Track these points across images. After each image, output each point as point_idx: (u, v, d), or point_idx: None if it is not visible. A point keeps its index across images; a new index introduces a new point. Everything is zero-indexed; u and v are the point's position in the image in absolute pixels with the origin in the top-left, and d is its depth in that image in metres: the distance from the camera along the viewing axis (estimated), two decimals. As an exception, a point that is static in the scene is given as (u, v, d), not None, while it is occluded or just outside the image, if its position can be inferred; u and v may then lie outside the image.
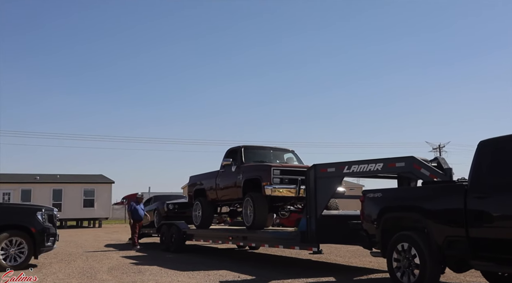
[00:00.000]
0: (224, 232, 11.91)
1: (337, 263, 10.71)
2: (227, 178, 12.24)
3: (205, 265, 10.30)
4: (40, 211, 10.29)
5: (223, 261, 11.38)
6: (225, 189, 12.36)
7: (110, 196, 40.04)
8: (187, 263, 10.78)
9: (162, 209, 15.92)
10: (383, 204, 7.12)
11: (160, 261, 11.30)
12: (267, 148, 12.60)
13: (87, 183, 38.96)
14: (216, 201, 13.08)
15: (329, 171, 8.27)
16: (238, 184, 11.53)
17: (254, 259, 12.35)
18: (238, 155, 12.04)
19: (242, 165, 11.69)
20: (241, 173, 11.49)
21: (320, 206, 8.27)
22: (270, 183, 10.30)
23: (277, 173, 10.41)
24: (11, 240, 9.82)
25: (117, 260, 11.74)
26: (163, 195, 18.14)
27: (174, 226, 14.01)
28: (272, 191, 10.25)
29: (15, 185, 35.79)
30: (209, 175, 13.33)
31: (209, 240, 12.65)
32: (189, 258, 12.08)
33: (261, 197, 10.62)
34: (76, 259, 12.15)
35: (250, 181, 11.10)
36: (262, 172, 10.64)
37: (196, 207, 13.62)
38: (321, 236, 8.28)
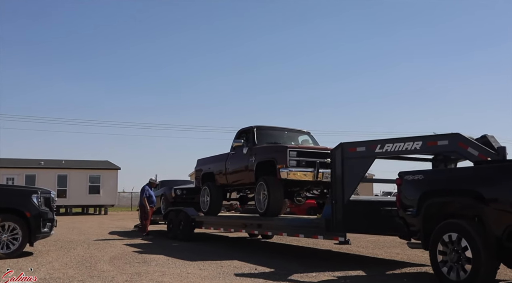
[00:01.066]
0: (237, 220, 10.97)
1: (361, 255, 9.75)
2: (238, 160, 11.29)
3: (216, 255, 9.39)
4: (36, 194, 9.40)
5: (235, 250, 10.46)
6: (235, 172, 11.41)
7: (116, 182, 39.27)
8: (197, 253, 9.88)
9: (169, 195, 15.00)
10: (426, 187, 6.11)
11: (167, 250, 10.40)
12: (281, 129, 11.61)
13: (92, 169, 38.22)
14: (225, 186, 12.14)
15: (358, 151, 7.27)
16: (250, 167, 10.58)
17: (269, 248, 11.43)
18: (250, 135, 11.08)
19: (254, 147, 10.73)
20: (254, 155, 10.53)
21: (348, 191, 7.28)
22: (286, 166, 9.34)
23: (293, 155, 9.44)
24: (3, 225, 8.96)
25: (120, 248, 10.86)
26: (170, 180, 17.22)
27: (182, 212, 13.09)
28: (288, 175, 9.28)
29: (19, 170, 35.11)
30: (218, 158, 12.39)
31: (220, 228, 11.71)
32: (199, 247, 11.18)
33: (276, 181, 9.67)
34: (77, 247, 11.28)
35: (264, 164, 10.15)
36: (277, 154, 9.68)
37: (204, 193, 12.69)
38: (348, 224, 7.30)
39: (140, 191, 14.52)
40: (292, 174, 9.32)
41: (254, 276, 6.79)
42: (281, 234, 9.20)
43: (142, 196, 14.24)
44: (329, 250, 10.62)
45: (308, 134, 11.75)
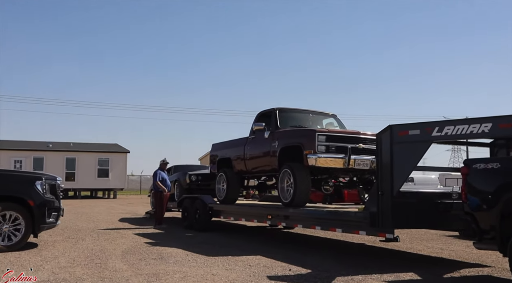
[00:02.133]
0: (261, 210, 9.99)
1: (402, 250, 8.73)
2: (258, 145, 10.30)
3: (239, 249, 8.45)
4: (40, 180, 8.49)
5: (259, 243, 9.52)
6: (255, 158, 10.42)
7: (126, 166, 38.56)
8: (217, 246, 8.95)
9: (184, 181, 14.04)
10: (505, 178, 5.08)
11: (184, 242, 9.48)
12: (305, 111, 10.58)
13: (101, 152, 37.50)
14: (244, 172, 11.17)
15: (411, 135, 6.22)
16: (273, 153, 9.60)
17: (296, 241, 10.50)
18: (272, 118, 10.06)
19: (277, 131, 9.73)
20: (277, 140, 9.53)
21: (398, 180, 6.24)
22: (314, 151, 8.36)
23: (322, 139, 8.44)
24: (4, 215, 8.08)
25: (132, 239, 9.96)
26: (184, 165, 16.26)
27: (198, 200, 12.15)
28: (316, 161, 8.31)
29: (27, 153, 34.42)
30: (235, 143, 11.40)
31: (241, 219, 10.75)
32: (217, 238, 10.25)
33: (303, 168, 8.70)
34: (85, 237, 10.40)
35: (288, 149, 9.17)
36: (305, 138, 8.68)
37: (220, 179, 11.74)
38: (398, 219, 6.28)
39: (152, 176, 13.45)
40: (321, 161, 8.36)
41: (291, 279, 5.83)
42: (313, 228, 8.20)
43: (156, 180, 13.16)
44: (362, 244, 9.64)
45: (334, 117, 10.73)
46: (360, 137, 8.70)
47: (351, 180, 9.67)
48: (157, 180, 13.04)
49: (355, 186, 9.75)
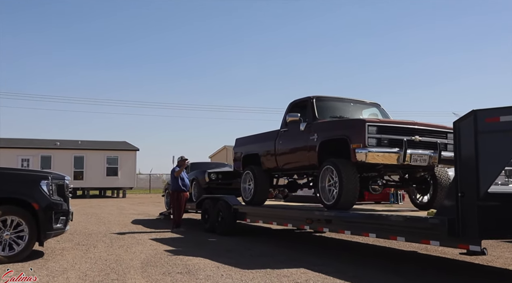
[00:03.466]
0: (297, 213, 8.77)
1: (486, 265, 7.41)
2: (293, 139, 9.13)
3: (277, 260, 7.28)
4: (46, 180, 7.37)
5: (296, 251, 8.35)
6: (289, 154, 9.25)
7: (135, 164, 37.60)
8: (250, 256, 7.78)
9: (203, 180, 12.87)
10: None
11: (209, 250, 8.33)
12: (345, 99, 9.38)
13: (110, 150, 36.52)
14: (274, 170, 9.99)
15: (503, 121, 4.99)
16: (311, 147, 8.41)
17: (340, 246, 9.34)
18: (309, 108, 8.88)
19: (316, 122, 8.55)
20: (316, 132, 8.34)
21: (486, 179, 5.02)
22: (364, 145, 7.18)
23: (373, 130, 7.27)
24: (4, 220, 6.97)
25: (150, 247, 8.82)
26: (201, 163, 15.12)
27: (221, 201, 10.99)
28: (366, 157, 7.15)
29: (35, 151, 33.49)
30: (264, 137, 10.22)
31: (272, 222, 9.56)
32: (246, 245, 9.08)
33: (349, 165, 7.53)
34: (97, 243, 9.28)
35: (330, 143, 8.01)
36: (352, 130, 7.51)
37: (247, 178, 10.57)
38: (486, 227, 5.06)
39: (170, 174, 12.20)
40: (372, 156, 7.20)
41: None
42: (365, 235, 6.98)
43: (175, 180, 11.94)
44: (414, 252, 8.43)
45: (377, 107, 9.52)
46: (416, 128, 7.51)
47: (402, 179, 8.47)
48: (175, 178, 11.83)
49: (407, 186, 8.52)
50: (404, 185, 8.54)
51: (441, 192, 8.03)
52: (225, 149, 47.43)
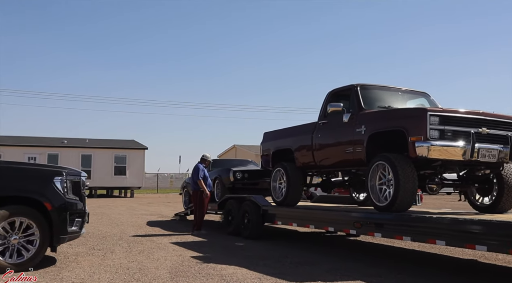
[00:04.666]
0: (343, 215, 7.73)
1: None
2: (334, 132, 8.14)
3: (324, 270, 6.30)
4: (60, 176, 6.40)
5: (339, 257, 7.38)
6: (329, 149, 8.25)
7: (143, 163, 36.62)
8: (290, 263, 6.81)
9: (227, 178, 11.86)
10: None
11: (242, 257, 7.37)
12: (392, 88, 8.38)
13: (118, 148, 35.57)
14: (310, 167, 8.99)
15: None
16: (358, 141, 7.42)
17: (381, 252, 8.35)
18: (353, 97, 7.89)
19: (362, 112, 7.56)
20: (363, 124, 7.35)
21: None
22: (426, 138, 6.20)
23: (435, 121, 6.28)
24: (12, 223, 6.02)
25: (174, 252, 7.86)
26: (224, 160, 14.15)
27: (248, 202, 10.00)
28: (429, 151, 6.17)
29: (41, 149, 32.61)
30: (300, 130, 9.23)
31: (308, 225, 8.56)
32: (282, 251, 8.10)
33: (407, 161, 6.54)
34: (114, 248, 8.33)
35: (381, 136, 7.05)
36: (410, 120, 6.52)
37: (277, 176, 9.57)
38: None
39: (192, 171, 11.11)
40: (436, 151, 6.21)
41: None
42: (432, 242, 5.95)
43: (198, 177, 10.83)
44: (472, 260, 7.42)
45: (426, 97, 8.49)
46: (484, 118, 6.50)
47: (461, 177, 7.45)
48: (199, 178, 10.83)
49: (466, 185, 7.49)
50: (463, 184, 7.51)
51: (508, 193, 7.03)
52: (234, 148, 46.58)
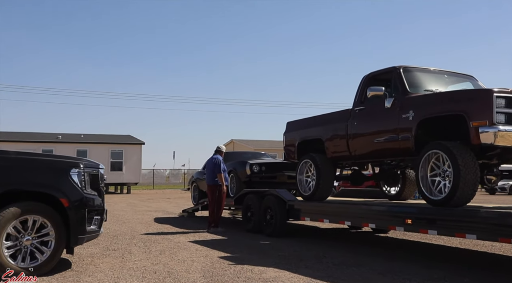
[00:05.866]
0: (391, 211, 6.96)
1: None
2: (374, 119, 7.38)
3: (376, 272, 5.60)
4: (77, 168, 5.61)
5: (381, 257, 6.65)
6: (369, 137, 7.40)
7: (140, 159, 35.70)
8: (333, 265, 6.08)
9: (243, 172, 11.06)
10: None
11: (277, 258, 6.65)
12: (437, 71, 7.62)
13: (114, 143, 34.62)
14: (344, 158, 8.23)
15: None
16: (405, 128, 6.66)
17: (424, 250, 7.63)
18: (396, 81, 7.15)
19: (409, 96, 6.81)
20: (411, 109, 6.59)
21: None
22: (491, 123, 5.47)
23: (501, 104, 5.56)
24: (24, 221, 5.23)
25: (198, 252, 7.12)
26: (238, 152, 13.34)
27: (271, 196, 9.24)
28: (495, 138, 5.45)
29: (36, 145, 31.52)
30: (331, 118, 8.47)
31: (343, 222, 7.82)
32: (317, 250, 7.37)
33: (466, 150, 5.83)
34: (130, 248, 7.56)
35: (433, 122, 6.35)
36: (472, 103, 5.78)
37: (304, 168, 8.80)
38: None
39: (213, 164, 10.11)
40: (504, 137, 5.49)
41: None
42: (506, 241, 5.23)
43: (220, 170, 9.97)
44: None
45: (472, 80, 7.74)
46: None
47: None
48: (221, 172, 10.00)
49: None
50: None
51: None
52: (232, 142, 45.77)
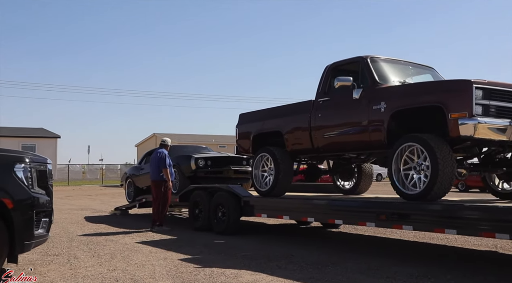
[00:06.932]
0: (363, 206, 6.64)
1: None
2: (342, 111, 7.10)
3: (358, 272, 5.30)
4: (23, 163, 4.74)
5: (361, 255, 6.38)
6: (335, 129, 7.13)
7: (56, 153, 33.54)
8: (307, 265, 5.72)
9: (187, 167, 10.35)
10: None
11: (242, 258, 6.22)
12: (403, 62, 7.49)
13: (26, 137, 32.19)
14: (306, 151, 7.89)
15: None
16: (376, 121, 6.44)
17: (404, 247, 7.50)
18: (364, 71, 6.89)
19: (379, 87, 6.59)
20: (383, 101, 6.37)
21: None
22: (470, 115, 5.36)
23: (479, 95, 5.47)
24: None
25: (153, 254, 6.47)
26: (176, 146, 12.50)
27: (223, 192, 8.70)
28: (475, 130, 5.34)
29: None
30: (291, 110, 8.11)
31: (306, 218, 7.47)
32: (279, 248, 6.97)
33: (443, 142, 5.71)
34: (75, 252, 6.69)
35: (408, 114, 6.17)
36: (451, 94, 5.67)
37: (260, 162, 8.37)
38: None
39: (158, 158, 9.33)
40: (483, 130, 5.44)
41: None
42: (489, 236, 5.08)
43: (166, 165, 9.24)
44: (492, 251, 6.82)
45: (432, 71, 7.68)
46: None
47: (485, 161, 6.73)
48: (166, 166, 9.26)
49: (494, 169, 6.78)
50: (490, 168, 6.79)
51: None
52: (154, 137, 44.18)
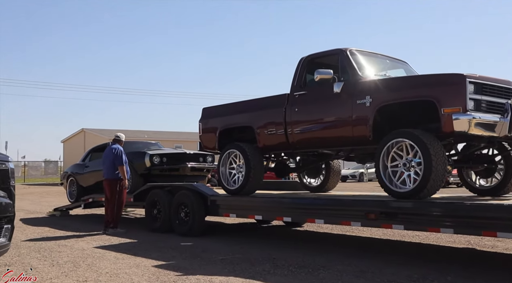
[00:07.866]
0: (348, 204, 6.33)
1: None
2: (321, 105, 6.77)
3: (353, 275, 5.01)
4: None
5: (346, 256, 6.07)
6: (314, 124, 6.83)
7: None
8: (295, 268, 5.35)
9: (141, 164, 9.58)
10: None
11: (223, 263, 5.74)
12: (381, 55, 7.30)
13: None
14: (280, 148, 7.51)
15: None
16: (360, 116, 6.18)
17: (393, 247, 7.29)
18: (343, 64, 6.63)
19: (362, 80, 6.35)
20: (368, 95, 6.12)
21: None
22: (464, 110, 5.25)
23: (471, 90, 5.36)
24: None
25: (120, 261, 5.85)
26: (132, 142, 11.65)
27: (186, 191, 8.12)
28: (469, 126, 5.24)
29: None
30: (263, 104, 7.67)
31: (281, 218, 7.10)
32: (256, 251, 6.52)
33: (435, 139, 5.55)
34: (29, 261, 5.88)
35: (395, 108, 5.97)
36: (444, 89, 5.51)
37: (227, 159, 7.87)
38: None
39: (113, 155, 8.54)
40: (476, 125, 5.33)
41: None
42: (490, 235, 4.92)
43: (122, 162, 8.49)
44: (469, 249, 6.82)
45: (405, 65, 7.56)
46: None
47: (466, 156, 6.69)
48: (122, 163, 8.49)
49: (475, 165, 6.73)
50: (471, 164, 6.75)
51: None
52: (82, 132, 41.87)
